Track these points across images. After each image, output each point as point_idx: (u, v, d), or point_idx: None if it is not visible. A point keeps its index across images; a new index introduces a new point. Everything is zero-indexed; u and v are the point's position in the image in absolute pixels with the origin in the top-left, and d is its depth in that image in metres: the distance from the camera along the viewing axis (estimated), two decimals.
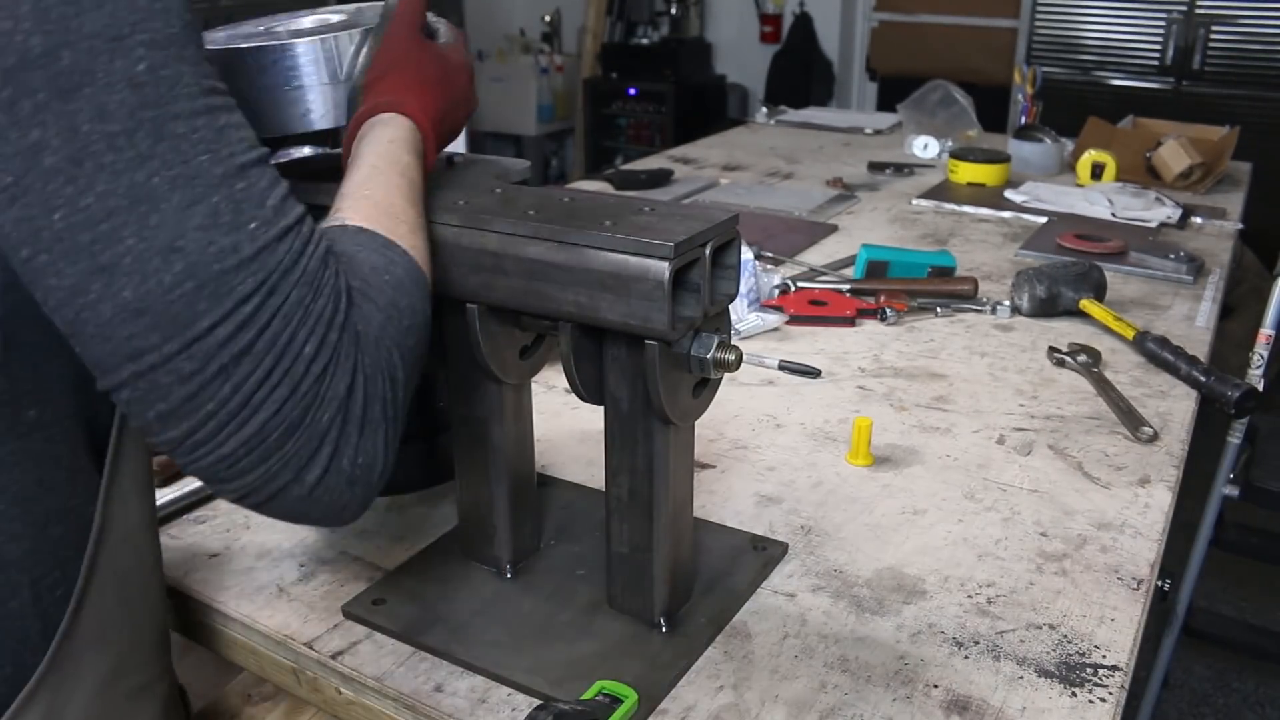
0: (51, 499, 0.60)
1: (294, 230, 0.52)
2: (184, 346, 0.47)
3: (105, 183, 0.46)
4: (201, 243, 0.47)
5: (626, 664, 0.72)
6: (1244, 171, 2.30)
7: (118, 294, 0.46)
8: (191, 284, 0.47)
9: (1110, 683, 0.71)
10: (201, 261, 0.47)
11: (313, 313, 0.51)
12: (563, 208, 0.70)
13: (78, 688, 0.62)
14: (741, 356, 0.70)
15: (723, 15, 5.14)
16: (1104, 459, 1.02)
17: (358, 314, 0.54)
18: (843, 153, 2.50)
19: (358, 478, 0.54)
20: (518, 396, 0.80)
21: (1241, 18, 3.76)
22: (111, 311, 0.47)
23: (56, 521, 0.60)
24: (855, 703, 0.70)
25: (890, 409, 1.14)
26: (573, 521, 0.91)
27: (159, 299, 0.47)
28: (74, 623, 0.61)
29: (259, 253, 0.49)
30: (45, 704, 0.60)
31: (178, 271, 0.47)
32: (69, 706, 0.61)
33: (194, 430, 0.49)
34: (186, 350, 0.47)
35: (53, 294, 0.47)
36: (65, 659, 0.61)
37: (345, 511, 0.56)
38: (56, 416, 0.59)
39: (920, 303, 1.43)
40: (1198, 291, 1.53)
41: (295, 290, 0.50)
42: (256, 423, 0.49)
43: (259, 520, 0.93)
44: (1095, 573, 0.84)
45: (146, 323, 0.47)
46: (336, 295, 0.53)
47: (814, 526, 0.91)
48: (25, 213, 0.46)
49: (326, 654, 0.76)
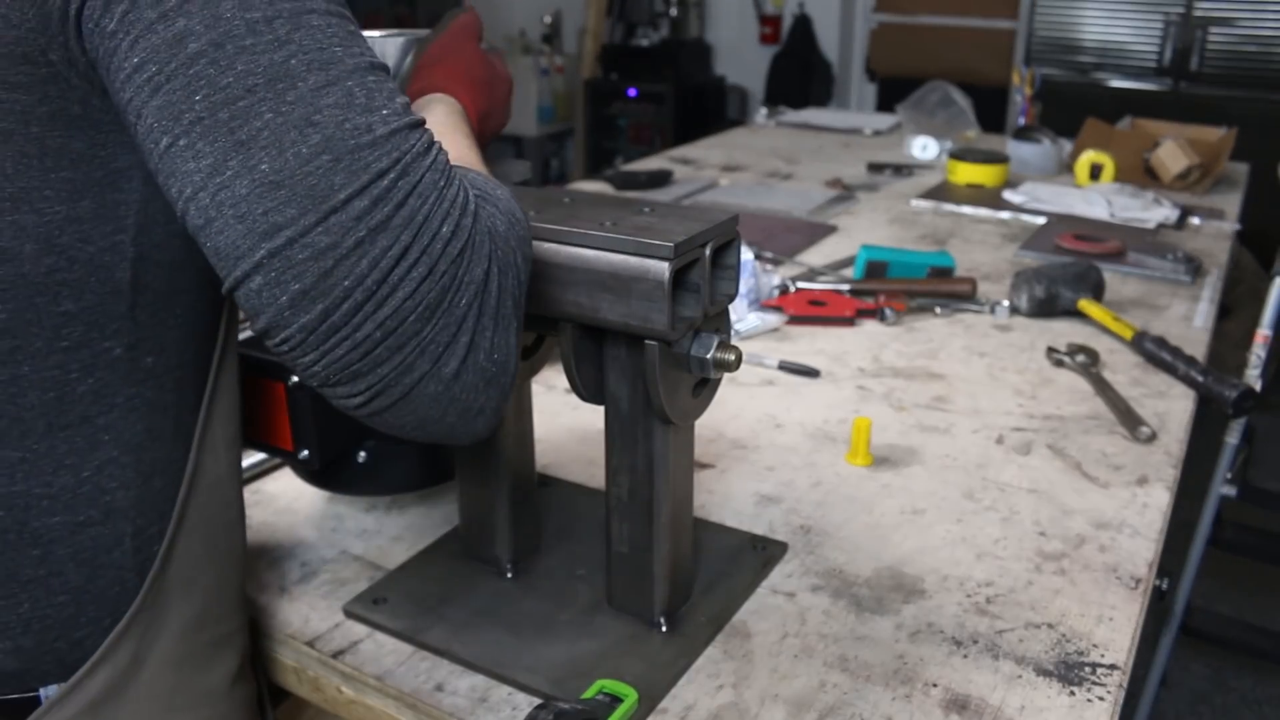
0: (158, 449, 0.61)
1: (422, 128, 0.52)
2: (321, 219, 0.47)
3: (244, 63, 0.47)
4: (337, 119, 0.48)
5: (627, 663, 0.73)
6: (1241, 172, 2.30)
7: (255, 168, 0.47)
8: (328, 157, 0.48)
9: (1108, 682, 0.72)
10: (337, 136, 0.48)
11: (447, 196, 0.51)
12: (563, 208, 0.70)
13: (164, 630, 0.63)
14: (741, 356, 0.70)
15: (722, 16, 5.15)
16: (1102, 459, 1.03)
17: (485, 212, 0.54)
18: (842, 153, 2.51)
19: (494, 376, 0.53)
20: (518, 396, 0.81)
21: (1239, 19, 3.77)
22: (249, 187, 0.47)
23: (160, 472, 0.62)
24: (855, 701, 0.70)
25: (889, 409, 1.14)
26: (573, 521, 0.91)
27: (296, 170, 0.47)
28: (165, 565, 0.62)
29: (392, 134, 0.50)
30: (134, 644, 0.62)
31: (314, 144, 0.47)
32: (155, 648, 0.63)
33: (329, 312, 0.48)
34: (323, 223, 0.47)
35: (190, 181, 0.48)
36: (154, 601, 0.62)
37: (480, 419, 0.54)
38: (169, 366, 0.60)
39: (919, 303, 1.43)
40: (1196, 292, 1.54)
41: (429, 174, 0.51)
42: (395, 301, 0.48)
43: (259, 520, 0.93)
44: (1094, 572, 0.84)
45: (283, 195, 0.47)
46: (467, 191, 0.53)
47: (813, 526, 0.91)
48: (168, 99, 0.47)
49: (327, 653, 0.76)
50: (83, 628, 0.60)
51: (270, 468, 1.01)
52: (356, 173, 0.48)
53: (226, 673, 0.68)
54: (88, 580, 0.60)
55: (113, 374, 0.58)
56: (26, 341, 0.55)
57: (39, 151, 0.51)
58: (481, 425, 0.55)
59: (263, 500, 0.97)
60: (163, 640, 0.63)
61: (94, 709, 0.60)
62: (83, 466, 0.58)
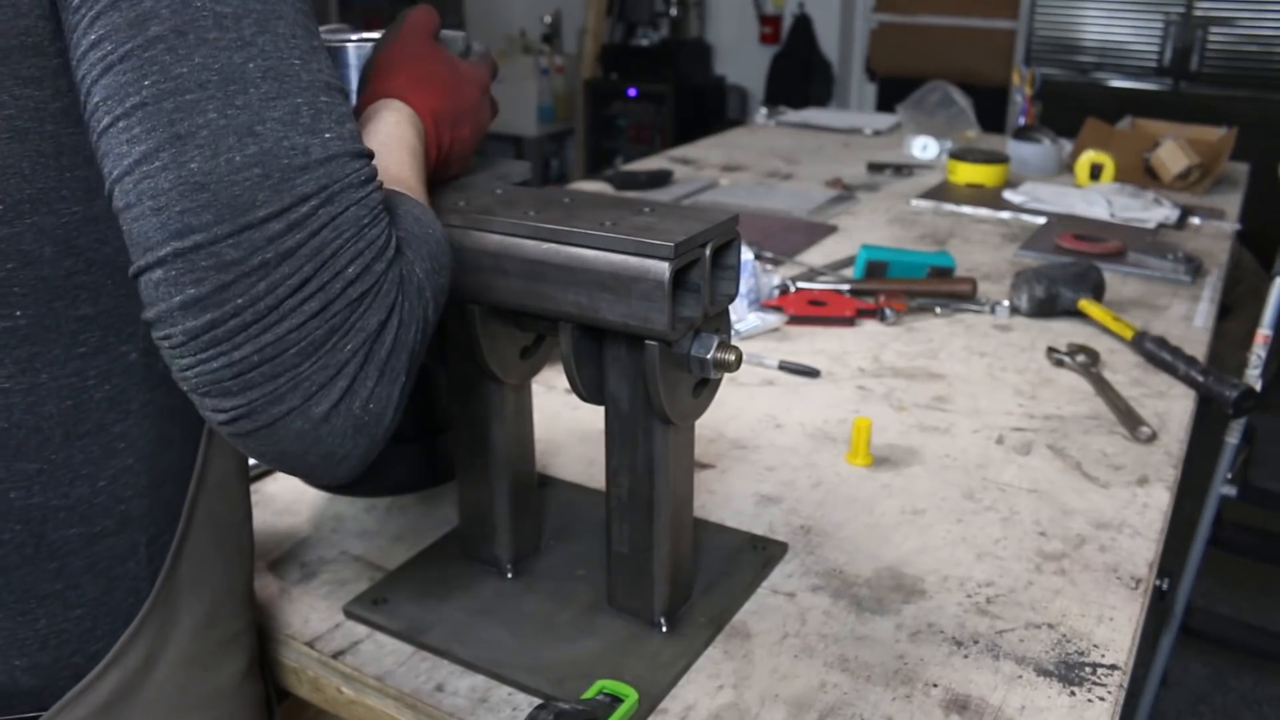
0: (168, 456, 0.61)
1: (365, 159, 0.52)
2: (235, 231, 0.46)
3: (203, 56, 0.47)
4: (277, 134, 0.48)
5: (627, 663, 0.73)
6: (1242, 172, 2.30)
7: (184, 164, 0.46)
8: (259, 170, 0.47)
9: (1109, 682, 0.72)
10: (273, 151, 0.47)
11: (365, 236, 0.50)
12: (563, 208, 0.70)
13: (175, 630, 0.63)
14: (741, 357, 0.70)
15: (722, 16, 5.15)
16: (1103, 459, 1.03)
17: (404, 260, 0.54)
18: (842, 153, 2.51)
19: (364, 426, 0.52)
20: (518, 396, 0.81)
21: (1239, 19, 3.77)
22: (172, 182, 0.46)
23: (171, 480, 0.62)
24: (855, 702, 0.70)
25: (889, 409, 1.14)
26: (573, 521, 0.91)
27: (224, 177, 0.46)
28: (175, 563, 0.62)
29: (328, 160, 0.49)
30: (146, 644, 0.61)
31: (249, 154, 0.47)
32: (167, 647, 0.62)
33: (215, 324, 0.47)
34: (235, 236, 0.46)
35: (120, 163, 0.47)
36: (165, 600, 0.62)
37: (343, 464, 0.53)
38: None
39: (919, 303, 1.43)
40: (1196, 292, 1.53)
41: (354, 208, 0.50)
42: (279, 330, 0.48)
43: (260, 520, 0.93)
44: (1094, 572, 0.84)
45: (205, 199, 0.46)
46: (390, 234, 0.52)
47: (813, 526, 0.91)
48: (117, 79, 0.46)
49: (328, 653, 0.76)
50: (99, 641, 0.60)
51: (270, 468, 1.01)
52: (281, 193, 0.47)
53: (236, 671, 0.68)
54: (104, 592, 0.60)
55: (128, 379, 0.58)
56: (45, 348, 0.54)
57: (55, 150, 0.51)
58: (343, 471, 0.54)
59: (263, 500, 0.97)
60: (174, 639, 0.63)
61: (106, 710, 0.60)
62: (99, 476, 0.58)
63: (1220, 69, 3.82)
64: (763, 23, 4.98)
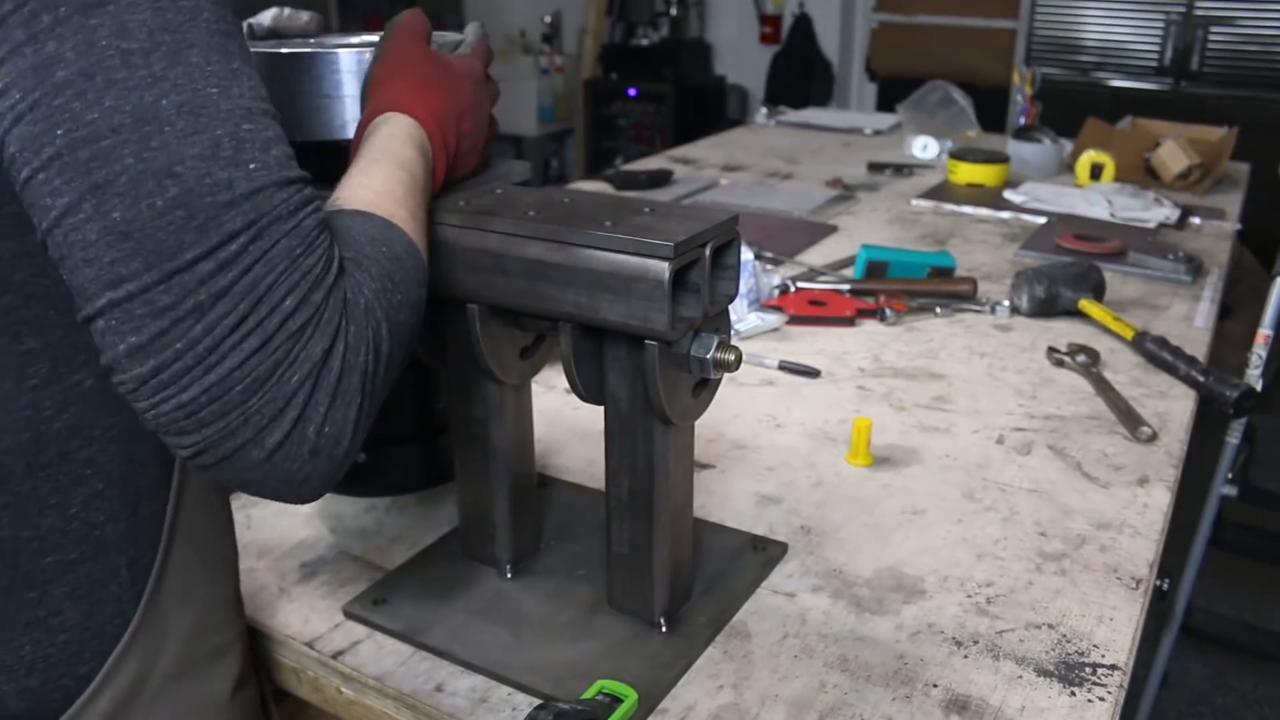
0: (142, 476, 0.61)
1: (294, 185, 0.51)
2: (164, 278, 0.46)
3: (113, 99, 0.45)
4: (198, 172, 0.47)
5: (627, 663, 0.73)
6: (1242, 172, 2.30)
7: (107, 214, 0.45)
8: (181, 213, 0.46)
9: (1109, 682, 0.71)
10: (196, 190, 0.46)
11: (300, 267, 0.49)
12: (563, 208, 0.70)
13: (165, 645, 0.63)
14: (741, 357, 0.70)
15: (722, 16, 5.14)
16: (1103, 459, 1.03)
17: (349, 281, 0.53)
18: (842, 153, 2.51)
19: (321, 449, 0.51)
20: (518, 396, 0.81)
21: (1240, 19, 3.76)
22: (98, 233, 0.46)
23: (147, 499, 0.61)
24: (855, 702, 0.70)
25: (890, 409, 1.14)
26: (573, 521, 0.91)
27: (147, 224, 0.46)
28: (160, 579, 0.62)
29: (254, 193, 0.48)
30: (137, 662, 0.61)
31: (170, 197, 0.46)
32: (158, 663, 0.62)
33: (160, 369, 0.47)
34: (166, 282, 0.46)
35: (47, 215, 0.46)
36: (153, 617, 0.62)
37: (305, 486, 0.53)
38: None
39: (920, 303, 1.43)
40: (1196, 292, 1.53)
41: (285, 240, 0.49)
42: (222, 370, 0.47)
43: (259, 520, 0.93)
44: (1094, 572, 0.84)
45: (131, 247, 0.46)
46: (329, 260, 0.51)
47: (814, 526, 0.91)
48: (30, 129, 0.45)
49: (327, 654, 0.76)
50: (86, 663, 0.60)
51: None
52: (208, 232, 0.47)
53: (228, 680, 0.68)
54: (86, 616, 0.59)
55: (86, 406, 0.57)
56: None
57: None
58: (308, 492, 0.54)
59: (263, 500, 0.97)
60: (165, 655, 0.63)
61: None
62: (68, 504, 0.57)
63: (1221, 68, 3.82)
64: (763, 22, 4.97)
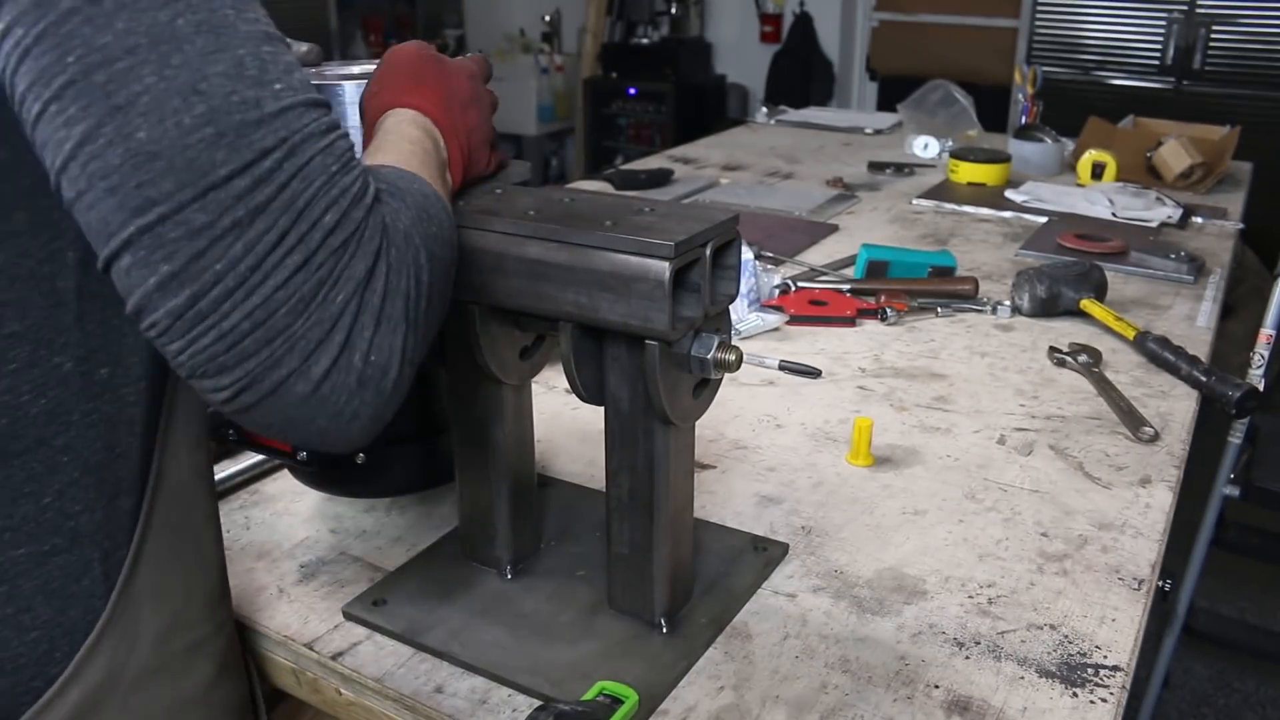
0: (121, 466, 0.58)
1: (321, 108, 0.49)
2: (199, 195, 0.44)
3: (125, 21, 0.43)
4: (224, 90, 0.45)
5: (627, 664, 0.72)
6: (1245, 171, 2.30)
7: (131, 135, 0.43)
8: (211, 130, 0.44)
9: (1111, 683, 0.71)
10: (223, 108, 0.45)
11: (337, 184, 0.48)
12: (563, 208, 0.70)
13: (137, 642, 0.60)
14: (741, 357, 0.70)
15: (723, 15, 5.15)
16: (1105, 459, 1.02)
17: (386, 207, 0.51)
18: (843, 153, 2.50)
19: (368, 379, 0.49)
20: (518, 397, 0.80)
21: (1242, 17, 3.76)
22: (122, 157, 0.43)
23: (126, 491, 0.59)
24: (856, 703, 0.70)
25: (890, 409, 1.14)
26: (573, 522, 0.91)
27: (176, 142, 0.44)
28: (131, 575, 0.59)
29: (283, 111, 0.46)
30: (107, 658, 0.59)
31: (198, 114, 0.44)
32: (130, 661, 0.60)
33: (198, 297, 0.45)
34: (200, 199, 0.44)
35: (61, 150, 0.44)
36: (125, 612, 0.60)
37: (353, 423, 0.51)
38: (128, 378, 0.57)
39: (920, 303, 1.43)
40: (1198, 291, 1.53)
41: (320, 157, 0.47)
42: (265, 290, 0.45)
43: (258, 521, 0.93)
44: (1096, 573, 0.84)
45: (160, 168, 0.44)
46: (365, 181, 0.50)
47: (814, 527, 0.91)
48: (37, 63, 0.43)
49: (327, 655, 0.76)
50: (58, 664, 0.57)
51: (269, 469, 1.01)
52: (240, 149, 0.45)
53: (203, 678, 0.66)
54: (58, 613, 0.57)
55: (66, 390, 0.55)
56: None
57: None
58: (356, 431, 0.52)
59: (262, 501, 0.96)
60: (136, 651, 0.61)
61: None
62: (43, 492, 0.55)
63: (1223, 67, 3.82)
64: (763, 21, 4.98)
